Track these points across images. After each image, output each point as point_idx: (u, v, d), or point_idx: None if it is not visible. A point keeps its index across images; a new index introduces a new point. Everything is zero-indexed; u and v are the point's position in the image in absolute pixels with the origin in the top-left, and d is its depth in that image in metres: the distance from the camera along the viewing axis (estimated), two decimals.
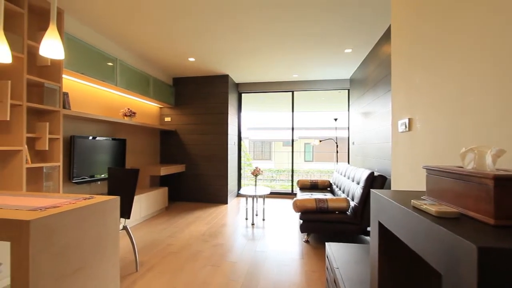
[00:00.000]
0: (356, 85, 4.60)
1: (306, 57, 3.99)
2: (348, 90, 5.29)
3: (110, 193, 2.35)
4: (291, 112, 5.64)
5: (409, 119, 1.48)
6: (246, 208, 4.00)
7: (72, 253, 1.25)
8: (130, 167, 4.12)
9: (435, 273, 0.84)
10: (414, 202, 0.73)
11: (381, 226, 0.91)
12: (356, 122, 4.56)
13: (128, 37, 3.32)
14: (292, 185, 5.74)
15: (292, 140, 5.70)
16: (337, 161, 5.36)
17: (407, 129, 1.50)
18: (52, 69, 2.56)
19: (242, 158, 6.00)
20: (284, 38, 3.31)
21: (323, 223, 2.84)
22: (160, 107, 5.16)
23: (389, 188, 2.72)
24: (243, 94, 5.83)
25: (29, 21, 2.40)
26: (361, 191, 2.78)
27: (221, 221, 3.79)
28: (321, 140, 5.48)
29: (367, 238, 3.05)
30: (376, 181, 2.77)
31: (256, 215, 4.17)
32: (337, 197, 3.00)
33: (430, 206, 0.66)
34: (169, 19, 2.84)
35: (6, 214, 1.15)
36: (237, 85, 5.66)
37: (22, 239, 1.05)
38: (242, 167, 5.95)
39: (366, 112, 3.88)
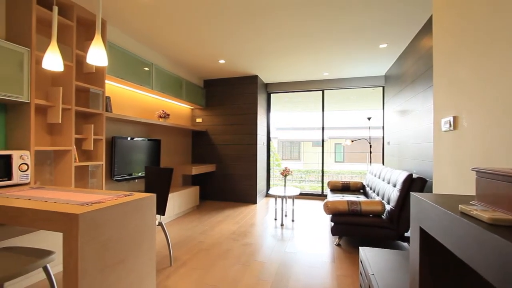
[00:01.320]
0: (391, 82, 4.35)
1: (337, 54, 3.87)
2: (383, 87, 5.03)
3: (147, 190, 2.48)
4: (321, 112, 5.51)
5: (454, 117, 1.37)
6: (275, 209, 3.98)
7: (114, 246, 1.34)
8: (164, 166, 4.33)
9: (488, 286, 0.76)
10: (462, 207, 0.67)
11: (422, 232, 0.85)
12: (391, 121, 4.32)
13: (163, 42, 3.50)
14: (322, 186, 5.60)
15: (323, 140, 5.56)
16: (370, 162, 5.12)
17: (451, 127, 1.38)
18: (97, 75, 2.78)
19: (271, 158, 6.00)
20: (314, 36, 3.24)
21: (356, 226, 2.73)
22: (192, 109, 5.35)
23: (430, 191, 2.53)
24: (272, 94, 5.82)
25: (77, 32, 2.63)
26: (398, 194, 2.62)
27: (250, 221, 3.82)
28: (353, 140, 5.27)
29: (405, 244, 2.87)
30: (414, 184, 2.59)
31: (285, 215, 4.13)
32: (371, 199, 2.87)
33: (482, 212, 0.60)
34: (200, 23, 2.93)
35: (59, 208, 1.27)
36: (266, 85, 5.67)
37: (72, 231, 1.15)
38: (271, 167, 5.95)
39: (403, 110, 3.66)
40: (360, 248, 1.80)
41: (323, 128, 5.52)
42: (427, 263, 0.86)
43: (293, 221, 3.85)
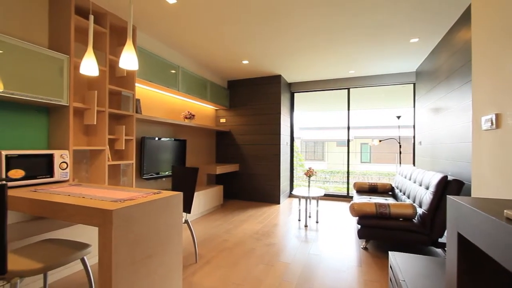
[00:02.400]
0: (423, 78, 4.11)
1: (364, 51, 3.74)
2: (414, 84, 4.77)
3: (173, 189, 2.57)
4: (347, 111, 5.35)
5: (497, 115, 1.26)
6: (299, 209, 3.93)
7: (144, 241, 1.40)
8: (189, 165, 4.46)
9: None
10: (508, 213, 0.61)
11: (461, 239, 0.79)
12: (423, 120, 4.08)
13: (188, 45, 3.60)
14: (348, 188, 5.43)
15: (348, 140, 5.40)
16: (400, 163, 4.88)
17: (493, 126, 1.27)
18: (127, 79, 2.93)
19: (294, 159, 5.94)
20: (340, 33, 3.15)
21: (384, 230, 2.61)
22: (216, 109, 5.45)
23: (467, 195, 2.36)
24: (295, 94, 5.76)
25: (109, 39, 2.79)
26: (431, 197, 2.47)
27: (274, 221, 3.81)
28: (381, 140, 5.06)
29: (438, 250, 2.70)
30: (450, 187, 2.42)
31: (309, 217, 4.07)
32: (401, 202, 2.73)
33: None
34: (223, 25, 2.98)
35: (95, 204, 1.35)
36: (290, 84, 5.62)
37: (107, 226, 1.22)
38: (294, 168, 5.89)
39: (437, 108, 3.44)
40: (389, 253, 1.72)
41: (348, 128, 5.36)
42: (465, 271, 0.80)
43: (317, 222, 3.78)
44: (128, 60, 1.62)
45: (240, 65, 4.46)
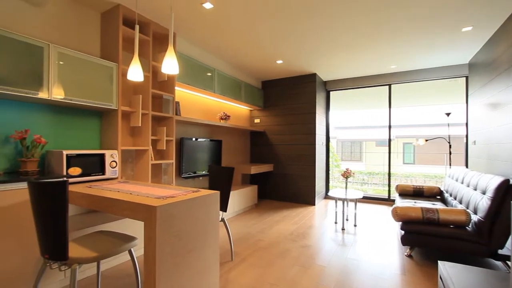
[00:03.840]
0: (478, 70, 3.70)
1: (409, 44, 3.48)
2: (466, 77, 4.31)
3: (210, 187, 2.66)
4: (388, 108, 5.03)
5: None
6: (335, 212, 3.80)
7: (184, 237, 1.47)
8: (224, 165, 4.58)
9: None
10: None
11: None
12: (478, 117, 3.67)
13: (223, 47, 3.70)
14: (389, 190, 5.11)
15: (389, 140, 5.07)
16: (449, 164, 4.45)
17: None
18: (168, 83, 3.11)
19: (330, 159, 5.75)
20: (381, 27, 2.98)
21: (432, 237, 2.40)
22: (250, 110, 5.52)
23: None
24: (331, 92, 5.58)
25: (152, 46, 2.99)
26: (489, 203, 2.21)
27: (309, 222, 3.74)
28: (427, 139, 4.67)
29: (498, 263, 2.40)
30: None
31: (347, 219, 3.91)
32: (451, 207, 2.49)
33: None
34: (258, 25, 3.00)
35: (141, 200, 1.45)
36: (325, 83, 5.47)
37: (151, 221, 1.31)
38: (330, 168, 5.71)
39: (495, 103, 3.07)
40: (439, 262, 1.58)
41: (389, 127, 5.03)
42: None
43: (355, 226, 3.61)
44: (170, 65, 1.71)
45: (274, 65, 4.45)
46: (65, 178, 1.40)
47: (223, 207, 2.43)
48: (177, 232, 1.42)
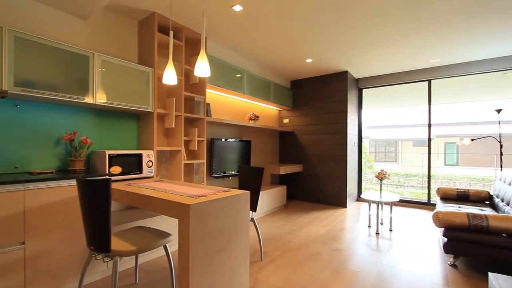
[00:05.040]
0: None
1: (452, 35, 3.21)
2: None
3: (240, 187, 2.69)
4: (427, 106, 4.69)
5: None
6: (369, 215, 3.63)
7: (215, 235, 1.51)
8: (253, 165, 4.61)
9: None
10: None
11: None
12: None
13: (252, 48, 3.73)
14: (429, 194, 4.76)
15: (429, 139, 4.73)
16: (501, 166, 4.02)
17: None
18: (199, 85, 3.21)
19: (363, 160, 5.51)
20: (421, 19, 2.79)
21: (480, 246, 2.18)
22: (279, 110, 5.49)
23: None
24: (364, 90, 5.35)
25: (185, 50, 3.11)
26: None
27: (340, 225, 3.62)
28: (473, 138, 4.27)
29: None
30: None
31: (381, 223, 3.71)
32: (503, 214, 2.24)
33: None
34: (288, 25, 2.97)
35: (176, 198, 1.51)
36: (357, 80, 5.26)
37: (185, 218, 1.36)
38: (362, 169, 5.47)
39: None
40: (490, 274, 1.43)
41: (429, 125, 4.69)
42: None
43: (390, 230, 3.42)
44: (202, 68, 1.77)
45: (304, 64, 4.39)
46: (108, 176, 1.53)
47: (253, 207, 2.44)
48: (209, 230, 1.46)
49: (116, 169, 2.32)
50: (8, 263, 1.60)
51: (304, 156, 5.19)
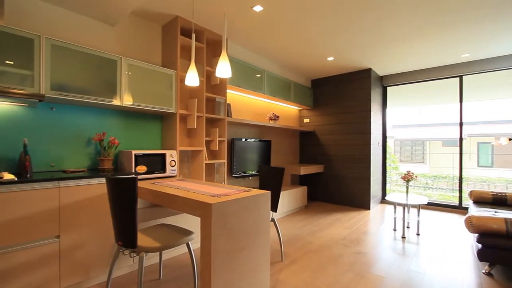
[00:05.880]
0: None
1: (488, 26, 3.00)
2: None
3: (261, 187, 2.69)
4: (459, 103, 4.42)
5: None
6: (394, 218, 3.48)
7: (236, 234, 1.52)
8: (273, 165, 4.59)
9: None
10: None
11: None
12: None
13: (273, 48, 3.71)
14: (460, 197, 4.48)
15: (461, 139, 4.45)
16: None
17: None
18: (220, 86, 3.25)
19: (387, 160, 5.30)
20: (454, 12, 2.63)
21: None
22: (300, 109, 5.43)
23: None
24: (388, 88, 5.15)
25: (206, 52, 3.16)
26: None
27: (363, 228, 3.51)
28: (511, 138, 3.95)
29: None
30: None
31: (408, 227, 3.55)
32: None
33: None
34: (310, 24, 2.93)
35: (198, 197, 1.54)
36: (381, 78, 5.07)
37: (207, 217, 1.38)
38: (387, 170, 5.26)
39: None
40: None
41: (461, 124, 4.42)
42: None
43: (418, 234, 3.26)
44: (223, 69, 1.79)
45: (325, 63, 4.30)
46: (134, 175, 1.61)
47: (273, 207, 2.44)
48: (230, 229, 1.47)
49: (142, 168, 2.41)
50: (45, 255, 1.72)
51: (325, 157, 5.09)
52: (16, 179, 1.62)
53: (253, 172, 3.95)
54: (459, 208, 4.44)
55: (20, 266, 1.62)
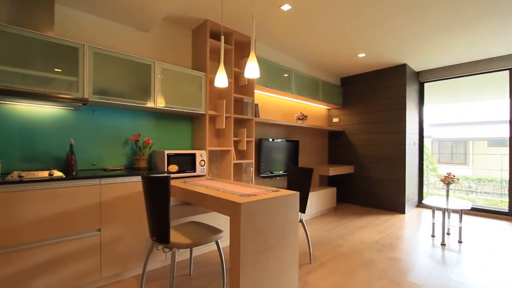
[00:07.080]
0: None
1: None
2: None
3: (289, 188, 2.67)
4: (508, 99, 4.00)
5: None
6: (433, 223, 3.25)
7: (265, 234, 1.52)
8: (301, 165, 4.53)
9: None
10: None
11: None
12: None
13: (301, 47, 3.66)
14: (510, 202, 4.05)
15: (511, 138, 4.03)
16: None
17: None
18: (248, 87, 3.28)
19: (424, 161, 4.96)
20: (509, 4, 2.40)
21: None
22: (328, 109, 5.29)
23: None
24: (425, 84, 4.82)
25: (234, 53, 3.21)
26: None
27: (397, 232, 3.32)
28: None
29: None
30: None
31: (448, 233, 3.30)
32: None
33: None
34: (341, 20, 2.84)
35: (227, 196, 1.57)
36: (418, 74, 4.76)
37: (236, 216, 1.40)
38: (424, 172, 4.93)
39: None
40: None
41: (511, 122, 3.99)
42: None
43: (460, 242, 3.01)
44: (252, 70, 1.80)
45: (355, 60, 4.15)
46: (167, 174, 1.70)
47: (302, 208, 2.40)
48: (259, 228, 1.48)
49: (174, 167, 2.51)
50: (87, 247, 1.86)
51: (356, 157, 4.90)
52: (63, 176, 1.78)
53: (281, 172, 3.93)
54: (509, 215, 4.02)
55: (66, 255, 1.77)
